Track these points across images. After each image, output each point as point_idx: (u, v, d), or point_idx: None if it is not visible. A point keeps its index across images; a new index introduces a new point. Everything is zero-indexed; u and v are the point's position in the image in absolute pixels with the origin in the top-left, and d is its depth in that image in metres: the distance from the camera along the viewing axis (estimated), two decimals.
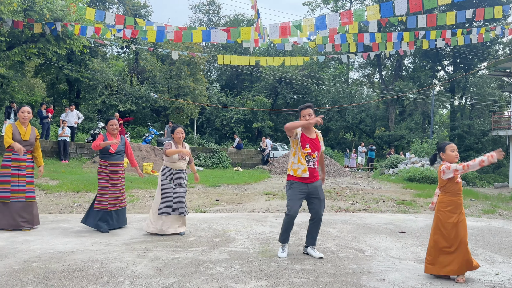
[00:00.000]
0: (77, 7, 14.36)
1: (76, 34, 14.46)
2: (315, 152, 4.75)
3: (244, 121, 31.09)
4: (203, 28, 12.58)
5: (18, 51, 15.15)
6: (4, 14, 13.04)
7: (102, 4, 30.24)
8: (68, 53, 20.76)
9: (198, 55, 23.02)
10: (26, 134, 5.72)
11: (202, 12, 40.01)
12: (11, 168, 5.61)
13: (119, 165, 5.97)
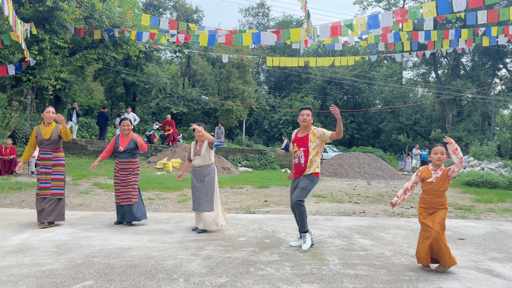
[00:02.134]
0: (133, 14, 15.03)
1: (132, 40, 15.14)
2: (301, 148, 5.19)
3: (292, 122, 30.97)
4: (253, 30, 12.66)
5: (79, 57, 16.11)
6: (67, 22, 13.93)
7: (156, 10, 31.41)
8: (125, 58, 21.77)
9: (248, 57, 23.26)
10: (47, 133, 5.95)
11: (252, 15, 40.40)
12: (40, 167, 5.99)
13: (128, 163, 6.24)
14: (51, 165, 5.98)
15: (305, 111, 5.24)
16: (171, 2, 32.66)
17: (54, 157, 6.01)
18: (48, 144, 5.95)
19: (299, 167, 5.17)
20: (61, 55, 14.86)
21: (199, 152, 5.92)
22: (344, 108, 32.96)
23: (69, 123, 16.57)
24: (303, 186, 5.06)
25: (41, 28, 13.54)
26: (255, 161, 19.73)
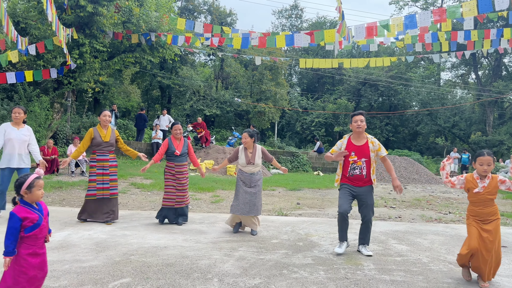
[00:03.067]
0: (169, 18, 15.36)
1: (168, 44, 15.48)
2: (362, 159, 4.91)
3: (325, 124, 30.66)
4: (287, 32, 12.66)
5: (117, 60, 16.62)
6: (106, 27, 14.41)
7: (191, 14, 31.98)
8: (161, 61, 22.25)
9: (280, 59, 23.24)
10: (107, 136, 6.22)
11: (285, 17, 40.37)
12: (96, 168, 6.17)
13: (184, 166, 6.39)
14: (108, 166, 6.20)
15: (358, 117, 4.96)
16: (206, 6, 33.16)
17: (110, 159, 6.26)
18: (106, 146, 6.19)
19: (361, 178, 4.91)
20: (100, 59, 15.38)
21: (253, 161, 5.89)
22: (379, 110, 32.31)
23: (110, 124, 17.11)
24: (371, 203, 4.90)
25: (81, 33, 14.08)
26: (287, 163, 19.66)
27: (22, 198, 2.88)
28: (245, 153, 5.95)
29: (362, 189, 4.90)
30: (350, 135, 5.11)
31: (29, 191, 2.87)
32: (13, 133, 6.18)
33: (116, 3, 14.22)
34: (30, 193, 2.87)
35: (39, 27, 14.50)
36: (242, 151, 6.00)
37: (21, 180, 2.88)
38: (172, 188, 6.30)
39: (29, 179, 2.88)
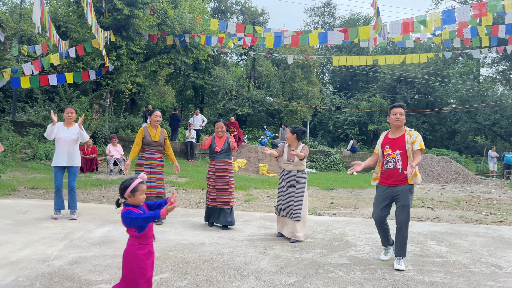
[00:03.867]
0: (202, 19, 15.58)
1: (202, 44, 15.71)
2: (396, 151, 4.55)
3: (359, 123, 30.17)
4: (319, 30, 12.54)
5: (153, 62, 17.02)
6: (142, 29, 14.80)
7: (224, 14, 32.28)
8: (194, 62, 22.59)
9: (313, 57, 23.08)
10: (156, 136, 6.33)
11: (317, 14, 39.99)
12: (144, 166, 6.21)
13: (224, 163, 6.13)
14: (155, 165, 6.25)
15: (397, 109, 4.57)
16: (238, 6, 33.38)
17: (158, 158, 6.33)
18: (155, 146, 6.29)
19: (395, 174, 4.49)
20: (137, 61, 15.81)
21: (293, 158, 5.58)
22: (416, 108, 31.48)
23: (144, 124, 17.58)
24: (407, 203, 4.41)
25: (118, 36, 14.51)
26: (320, 162, 19.51)
27: (125, 201, 2.94)
28: (288, 149, 5.72)
29: (397, 188, 4.47)
30: (388, 130, 4.79)
31: (132, 195, 2.91)
32: (63, 132, 6.43)
33: (151, 6, 14.57)
34: (133, 197, 2.92)
35: (79, 31, 15.07)
36: (286, 147, 5.76)
37: (126, 184, 2.93)
38: (213, 187, 6.07)
39: (134, 184, 2.92)
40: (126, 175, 12.45)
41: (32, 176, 10.94)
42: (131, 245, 2.92)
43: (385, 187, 4.59)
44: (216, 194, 6.02)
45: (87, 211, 6.93)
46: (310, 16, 40.98)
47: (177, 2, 15.79)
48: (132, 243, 2.93)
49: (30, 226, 5.68)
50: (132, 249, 2.91)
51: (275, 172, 15.94)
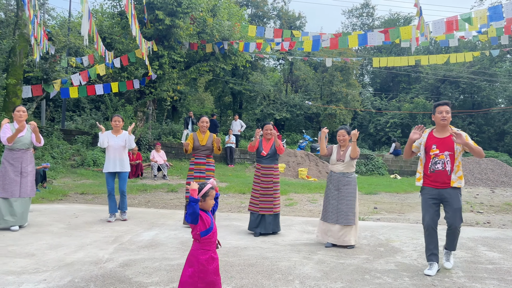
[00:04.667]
0: (240, 26, 15.79)
1: (240, 51, 15.92)
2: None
3: (401, 125, 29.33)
4: (359, 32, 12.38)
5: (193, 70, 17.42)
6: (183, 38, 15.19)
7: (261, 20, 32.51)
8: (232, 68, 22.89)
9: (352, 59, 22.76)
10: (204, 140, 6.45)
11: (355, 16, 39.41)
12: (194, 171, 6.35)
13: (271, 169, 6.02)
14: (204, 169, 6.34)
15: (443, 107, 4.35)
16: (275, 12, 33.52)
17: (207, 162, 6.41)
18: (203, 150, 6.41)
19: (443, 175, 4.31)
20: (178, 69, 16.24)
21: (343, 157, 5.39)
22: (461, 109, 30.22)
23: (186, 130, 17.98)
24: (458, 207, 4.26)
25: (160, 45, 14.98)
26: (361, 166, 19.13)
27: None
28: (338, 150, 5.53)
29: (446, 191, 4.28)
30: (432, 128, 4.59)
31: (203, 199, 2.99)
32: (112, 140, 6.77)
33: (191, 15, 14.94)
34: (204, 202, 3.00)
35: (123, 41, 15.70)
36: (336, 148, 5.57)
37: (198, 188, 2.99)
38: (256, 192, 5.94)
39: (205, 189, 3.00)
40: (169, 180, 12.79)
41: (81, 182, 11.47)
42: (194, 250, 2.97)
43: (432, 189, 4.39)
44: (259, 199, 5.90)
45: (134, 215, 7.17)
46: (348, 18, 40.32)
47: (216, 10, 16.10)
48: (195, 247, 2.97)
49: (82, 229, 5.96)
50: (194, 254, 2.95)
51: (315, 176, 15.81)
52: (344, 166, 5.40)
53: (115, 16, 15.93)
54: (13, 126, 6.09)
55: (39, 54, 10.01)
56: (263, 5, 32.18)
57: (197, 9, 14.87)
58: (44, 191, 9.52)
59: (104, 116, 18.00)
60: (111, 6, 15.86)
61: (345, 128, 5.55)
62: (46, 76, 13.67)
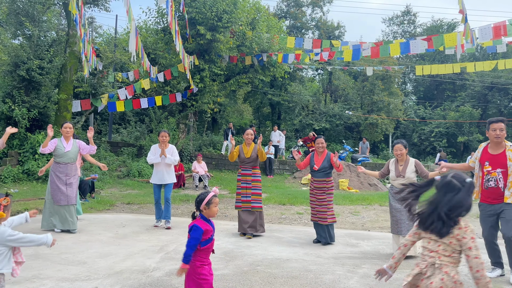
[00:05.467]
0: (279, 38, 15.92)
1: (279, 62, 16.03)
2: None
3: (447, 134, 28.26)
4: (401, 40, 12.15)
5: (233, 82, 17.72)
6: (223, 51, 15.52)
7: (299, 31, 32.61)
8: (271, 79, 23.07)
9: (394, 68, 22.30)
10: (249, 152, 6.65)
11: (396, 23, 38.66)
12: (241, 182, 6.59)
13: (322, 182, 6.11)
14: (250, 180, 6.58)
15: (497, 125, 4.37)
16: (313, 22, 33.54)
17: (253, 173, 6.62)
18: (249, 162, 6.64)
19: (496, 192, 4.36)
20: (218, 82, 16.57)
21: (403, 173, 5.45)
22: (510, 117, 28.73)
23: (226, 141, 18.25)
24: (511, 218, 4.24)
25: (201, 59, 15.38)
26: None
27: (201, 213, 3.17)
28: (395, 165, 5.57)
29: (500, 206, 4.33)
30: (487, 143, 4.59)
31: (207, 207, 3.14)
32: (158, 153, 7.09)
33: (231, 29, 15.25)
34: (208, 209, 3.14)
35: (166, 57, 16.24)
36: (393, 163, 5.63)
37: (201, 197, 3.16)
38: (313, 203, 6.19)
39: (208, 197, 3.15)
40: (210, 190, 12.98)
41: (127, 192, 11.89)
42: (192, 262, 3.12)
43: (487, 205, 4.44)
44: (316, 209, 6.14)
45: (178, 224, 7.34)
46: (388, 26, 39.53)
47: (255, 23, 16.34)
48: (194, 253, 3.12)
49: (129, 239, 6.17)
50: (193, 266, 3.11)
51: (356, 187, 15.51)
52: (405, 181, 5.41)
53: (158, 32, 16.54)
54: (61, 141, 6.57)
55: (88, 70, 10.57)
56: (301, 16, 32.30)
57: (236, 23, 15.16)
58: (93, 201, 9.95)
59: (148, 128, 18.62)
60: (154, 22, 16.49)
61: (401, 142, 5.58)
62: (94, 91, 14.38)
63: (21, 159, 12.38)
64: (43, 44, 12.94)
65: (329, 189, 6.13)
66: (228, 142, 18.11)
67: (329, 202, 6.08)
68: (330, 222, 6.05)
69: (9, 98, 12.20)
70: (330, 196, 6.14)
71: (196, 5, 14.33)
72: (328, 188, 6.12)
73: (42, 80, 12.41)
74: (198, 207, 3.16)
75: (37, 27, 12.79)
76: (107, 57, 15.54)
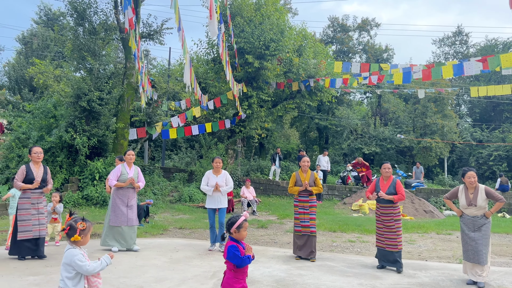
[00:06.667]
0: (326, 63, 16.01)
1: (326, 87, 16.07)
2: None
3: (507, 158, 26.59)
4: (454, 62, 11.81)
5: (280, 108, 17.93)
6: (270, 78, 15.83)
7: (346, 55, 32.57)
8: (318, 104, 23.09)
9: (447, 90, 21.58)
10: (306, 179, 6.81)
11: (447, 44, 37.56)
12: (298, 208, 6.79)
13: (389, 208, 6.09)
14: (308, 206, 6.79)
15: None
16: (360, 46, 33.39)
17: (310, 200, 6.84)
18: (306, 189, 6.79)
19: None
20: (265, 108, 16.84)
21: (474, 202, 5.41)
22: None
23: (273, 166, 18.33)
24: None
25: (249, 86, 15.76)
26: None
27: (230, 235, 3.31)
28: (465, 193, 5.49)
29: None
30: None
31: (237, 230, 3.28)
32: (213, 179, 7.39)
33: (278, 57, 15.57)
34: (238, 233, 3.29)
35: (216, 85, 16.81)
36: (462, 191, 5.55)
37: (232, 220, 3.33)
38: (380, 229, 6.21)
39: (239, 221, 3.30)
40: (258, 216, 13.02)
41: (179, 217, 12.19)
42: (229, 278, 3.20)
43: None
44: (384, 236, 6.14)
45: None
46: (439, 47, 38.49)
47: (302, 50, 16.58)
48: (230, 276, 3.20)
49: (183, 264, 6.31)
50: (229, 282, 3.19)
51: (411, 214, 14.90)
52: (477, 209, 5.42)
53: (209, 62, 17.21)
54: (124, 166, 7.01)
55: (145, 100, 11.16)
56: (348, 40, 32.30)
57: (283, 50, 15.47)
58: (147, 225, 10.29)
59: (198, 154, 19.14)
60: (205, 53, 17.19)
61: (474, 170, 5.57)
62: (149, 120, 15.09)
63: (81, 185, 13.12)
64: (102, 77, 13.86)
65: (396, 215, 6.09)
66: (276, 167, 18.18)
67: (397, 228, 6.06)
68: (400, 249, 6.02)
69: (71, 128, 13.08)
70: (398, 222, 6.11)
71: (244, 35, 14.82)
72: (395, 214, 6.09)
73: (101, 110, 13.22)
74: (228, 229, 3.29)
75: (97, 61, 13.74)
76: (161, 88, 16.35)
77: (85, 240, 3.18)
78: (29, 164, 6.45)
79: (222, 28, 9.94)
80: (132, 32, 9.24)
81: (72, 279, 3.11)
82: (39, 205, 6.41)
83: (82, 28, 13.76)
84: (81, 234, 3.13)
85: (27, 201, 6.30)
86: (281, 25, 15.42)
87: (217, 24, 7.89)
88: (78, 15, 13.47)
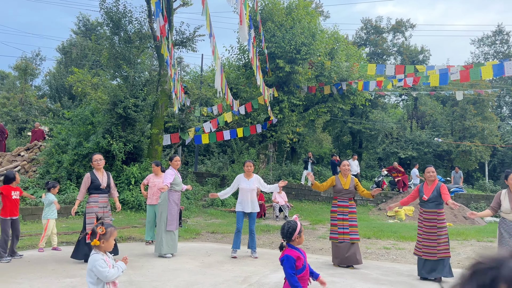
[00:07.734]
0: (359, 66, 15.74)
1: (359, 90, 15.79)
2: None
3: None
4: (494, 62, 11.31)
5: (311, 112, 17.78)
6: (301, 82, 15.73)
7: (380, 57, 31.94)
8: (351, 107, 22.73)
9: (487, 91, 20.70)
10: (347, 184, 6.66)
11: (487, 44, 36.10)
12: (337, 213, 6.58)
13: (433, 213, 5.79)
14: (347, 212, 6.61)
15: None
16: (395, 48, 32.67)
17: (350, 205, 6.66)
18: (346, 194, 6.68)
19: None
20: (297, 112, 16.75)
21: None
22: None
23: (305, 171, 18.15)
24: None
25: (280, 91, 15.72)
26: None
27: (288, 243, 3.23)
28: (509, 197, 5.21)
29: None
30: None
31: (299, 236, 3.21)
32: (244, 183, 7.40)
33: (309, 60, 15.46)
34: (299, 238, 3.22)
35: (247, 90, 16.89)
36: (505, 195, 5.28)
37: (292, 227, 3.21)
38: (420, 236, 5.89)
39: (299, 225, 3.23)
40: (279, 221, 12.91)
41: (211, 221, 12.28)
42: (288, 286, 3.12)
43: None
44: (422, 243, 5.81)
45: (260, 255, 7.37)
46: (478, 47, 37.05)
47: (334, 53, 16.40)
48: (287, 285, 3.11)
49: (214, 268, 6.32)
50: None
51: (450, 220, 14.31)
52: None
53: (240, 68, 17.33)
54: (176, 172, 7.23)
55: (178, 106, 11.36)
56: (382, 42, 31.68)
57: (315, 54, 15.35)
58: (181, 230, 10.41)
59: (230, 159, 19.25)
60: (236, 59, 17.33)
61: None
62: (182, 125, 15.34)
63: (118, 189, 13.46)
64: (137, 84, 14.23)
65: (440, 222, 5.74)
66: (310, 171, 17.99)
67: (439, 236, 5.70)
68: (440, 257, 5.61)
69: (108, 134, 13.48)
70: (442, 230, 5.73)
71: (275, 40, 14.83)
72: (439, 221, 5.74)
73: (137, 116, 13.57)
74: (289, 237, 3.19)
75: (133, 68, 14.13)
76: (194, 94, 16.59)
77: (107, 245, 3.17)
78: (93, 171, 6.73)
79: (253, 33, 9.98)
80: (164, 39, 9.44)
81: (96, 285, 3.12)
82: (105, 209, 6.64)
83: (118, 37, 14.20)
84: (101, 239, 3.11)
85: (95, 205, 6.54)
86: (313, 28, 15.31)
87: (247, 29, 7.92)
88: (114, 24, 13.92)
